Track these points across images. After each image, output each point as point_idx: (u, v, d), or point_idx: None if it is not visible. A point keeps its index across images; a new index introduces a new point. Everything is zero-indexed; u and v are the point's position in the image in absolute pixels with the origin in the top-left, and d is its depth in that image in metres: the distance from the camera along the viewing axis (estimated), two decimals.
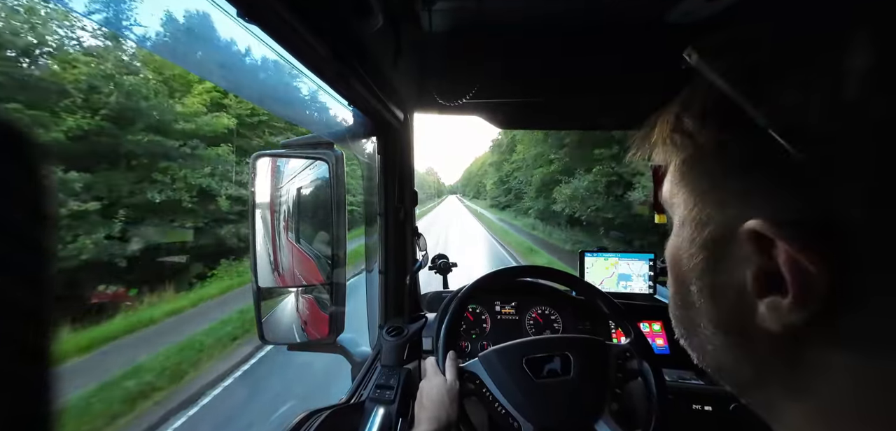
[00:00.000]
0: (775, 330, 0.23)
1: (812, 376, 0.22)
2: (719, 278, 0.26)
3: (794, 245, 0.21)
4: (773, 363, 0.25)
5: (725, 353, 0.27)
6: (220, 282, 10.32)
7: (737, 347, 0.26)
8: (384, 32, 0.78)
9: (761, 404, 0.27)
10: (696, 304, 0.28)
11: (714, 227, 0.26)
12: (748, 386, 0.28)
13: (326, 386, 4.32)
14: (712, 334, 0.28)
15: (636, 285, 1.38)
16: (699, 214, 0.27)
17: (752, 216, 0.22)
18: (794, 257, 0.21)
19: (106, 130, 9.58)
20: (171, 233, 10.66)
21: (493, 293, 1.26)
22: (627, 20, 1.01)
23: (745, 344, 0.26)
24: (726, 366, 0.28)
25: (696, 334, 0.29)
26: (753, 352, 0.25)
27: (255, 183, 1.01)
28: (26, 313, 0.14)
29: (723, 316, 0.27)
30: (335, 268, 1.01)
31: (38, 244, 0.14)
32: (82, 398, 4.38)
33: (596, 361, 0.80)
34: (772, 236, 0.21)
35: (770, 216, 0.22)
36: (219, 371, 5.27)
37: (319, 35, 0.56)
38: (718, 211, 0.25)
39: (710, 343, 0.28)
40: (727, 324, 0.27)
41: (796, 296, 0.21)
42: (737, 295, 0.25)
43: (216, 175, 11.84)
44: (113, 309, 8.06)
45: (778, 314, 0.22)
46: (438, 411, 0.70)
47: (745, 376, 0.27)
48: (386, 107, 0.93)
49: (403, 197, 1.19)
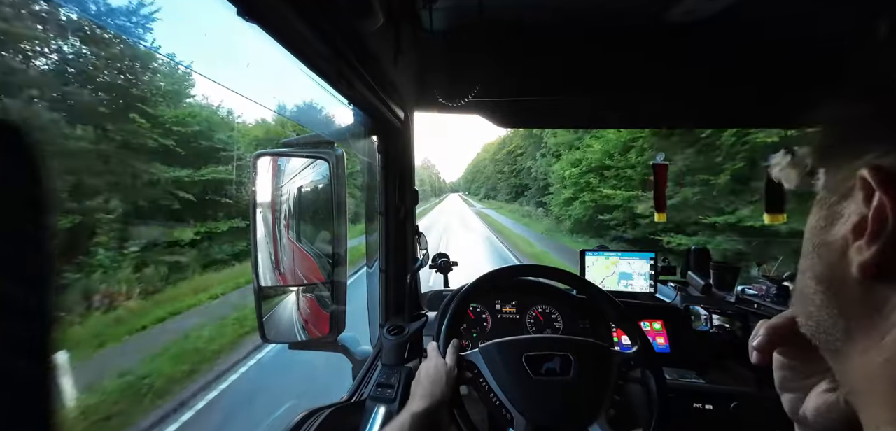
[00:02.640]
0: (855, 275, 0.25)
1: (886, 322, 0.24)
2: (829, 234, 0.28)
3: (884, 190, 0.23)
4: (857, 314, 0.26)
5: (823, 311, 0.29)
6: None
7: (832, 302, 0.28)
8: (385, 31, 0.78)
9: (848, 370, 0.28)
10: (808, 264, 0.30)
11: (838, 189, 0.28)
12: (838, 348, 0.28)
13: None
14: (815, 291, 0.29)
15: (637, 284, 1.38)
16: (831, 182, 0.29)
17: (865, 165, 0.25)
18: (882, 201, 0.23)
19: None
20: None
21: (493, 292, 1.26)
22: (628, 19, 1.01)
23: (837, 295, 0.27)
24: (824, 326, 0.29)
25: (803, 297, 0.31)
26: (843, 304, 0.27)
27: (256, 182, 1.01)
28: (27, 313, 0.14)
29: (825, 269, 0.28)
30: (336, 267, 1.01)
31: (38, 244, 0.14)
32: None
33: (598, 366, 0.80)
34: (871, 181, 0.24)
35: (878, 164, 0.24)
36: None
37: (320, 34, 0.56)
38: (843, 172, 0.27)
39: (812, 302, 0.30)
40: (826, 279, 0.28)
41: (870, 233, 0.24)
42: (839, 248, 0.27)
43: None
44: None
45: (858, 254, 0.25)
46: (433, 388, 0.72)
47: (837, 334, 0.28)
48: (386, 106, 0.93)
49: (404, 195, 1.19)
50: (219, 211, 12.06)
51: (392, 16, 0.80)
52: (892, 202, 0.23)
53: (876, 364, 0.25)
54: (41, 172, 0.14)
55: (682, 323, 1.24)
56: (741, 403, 1.03)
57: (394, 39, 0.87)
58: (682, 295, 1.39)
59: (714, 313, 1.25)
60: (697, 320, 1.25)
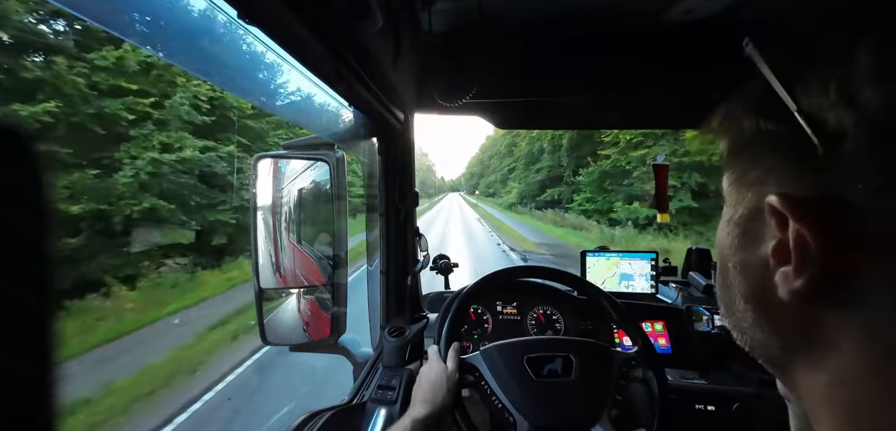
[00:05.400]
0: (785, 299, 0.25)
1: (824, 345, 0.24)
2: (748, 254, 0.28)
3: (799, 219, 0.23)
4: (793, 335, 0.26)
5: (756, 329, 0.29)
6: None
7: (763, 321, 0.28)
8: (384, 33, 0.78)
9: (793, 384, 0.28)
10: (733, 282, 0.30)
11: (747, 205, 0.28)
12: (779, 363, 0.29)
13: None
14: (744, 310, 0.30)
15: (638, 284, 1.37)
16: (737, 195, 0.29)
17: (773, 193, 0.25)
18: (798, 229, 0.23)
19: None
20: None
21: (494, 293, 1.26)
22: (627, 19, 1.01)
23: (769, 316, 0.28)
24: (758, 342, 0.29)
25: (733, 312, 0.31)
26: (777, 325, 0.27)
27: (256, 184, 1.01)
28: (27, 313, 0.14)
29: (750, 290, 0.29)
30: (336, 269, 1.01)
31: (38, 244, 0.14)
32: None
33: (599, 366, 0.80)
34: (783, 211, 0.24)
35: (787, 193, 0.24)
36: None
37: (319, 37, 0.56)
38: (751, 191, 0.28)
39: (744, 319, 0.30)
40: (754, 298, 0.29)
41: (796, 265, 0.24)
42: (761, 269, 0.27)
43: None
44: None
45: (786, 282, 0.25)
46: (434, 394, 0.71)
47: (774, 351, 0.29)
48: (386, 107, 0.93)
49: (404, 197, 1.19)
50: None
51: (391, 18, 0.80)
52: (811, 231, 0.23)
53: (819, 384, 0.25)
54: (42, 172, 0.14)
55: (684, 324, 1.24)
56: (743, 404, 1.03)
57: (393, 41, 0.87)
58: (684, 295, 1.39)
59: (716, 313, 1.24)
60: (699, 320, 1.24)
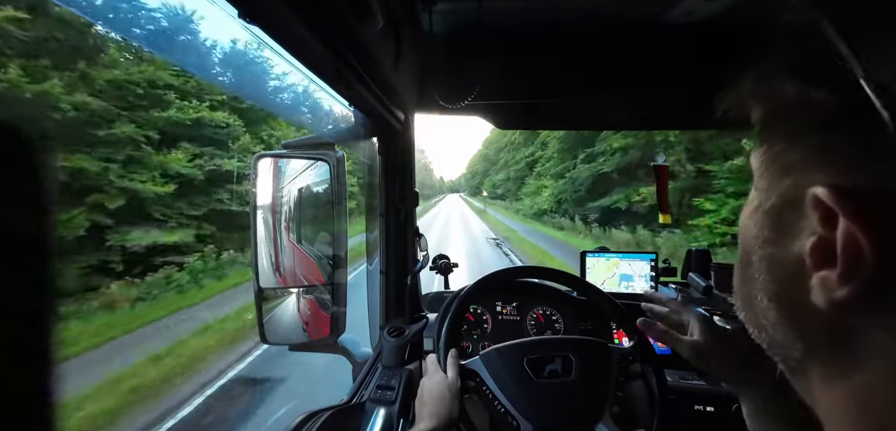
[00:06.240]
0: (823, 307, 0.21)
1: (854, 356, 0.22)
2: (779, 249, 0.25)
3: (852, 216, 0.19)
4: (821, 342, 0.24)
5: (778, 330, 0.26)
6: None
7: (788, 324, 0.26)
8: (385, 34, 0.78)
9: (807, 388, 0.26)
10: (756, 276, 0.27)
11: (781, 193, 0.24)
12: (797, 367, 0.27)
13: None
14: (766, 307, 0.27)
15: (638, 285, 1.37)
16: (769, 179, 0.25)
17: (820, 182, 0.21)
18: (849, 228, 0.20)
19: None
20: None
21: (494, 293, 1.26)
22: (628, 20, 1.01)
23: (795, 320, 0.25)
24: (778, 343, 0.27)
25: (752, 307, 0.28)
26: (804, 331, 0.25)
27: (256, 183, 1.01)
28: (27, 313, 0.14)
29: (777, 288, 0.26)
30: (336, 269, 1.01)
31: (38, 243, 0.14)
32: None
33: (598, 363, 0.80)
34: (835, 207, 0.20)
35: (838, 183, 0.20)
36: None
37: (320, 37, 0.56)
38: (789, 176, 0.24)
39: (764, 317, 0.27)
40: (780, 298, 0.26)
41: (843, 271, 0.20)
42: (794, 268, 0.24)
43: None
44: None
45: (826, 289, 0.21)
46: (439, 408, 0.70)
47: (795, 354, 0.26)
48: (386, 108, 0.93)
49: (404, 197, 1.19)
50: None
51: (392, 18, 0.80)
52: (866, 231, 0.19)
53: (840, 397, 0.23)
54: (42, 171, 0.14)
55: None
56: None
57: (394, 42, 0.87)
58: (683, 296, 1.39)
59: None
60: None
